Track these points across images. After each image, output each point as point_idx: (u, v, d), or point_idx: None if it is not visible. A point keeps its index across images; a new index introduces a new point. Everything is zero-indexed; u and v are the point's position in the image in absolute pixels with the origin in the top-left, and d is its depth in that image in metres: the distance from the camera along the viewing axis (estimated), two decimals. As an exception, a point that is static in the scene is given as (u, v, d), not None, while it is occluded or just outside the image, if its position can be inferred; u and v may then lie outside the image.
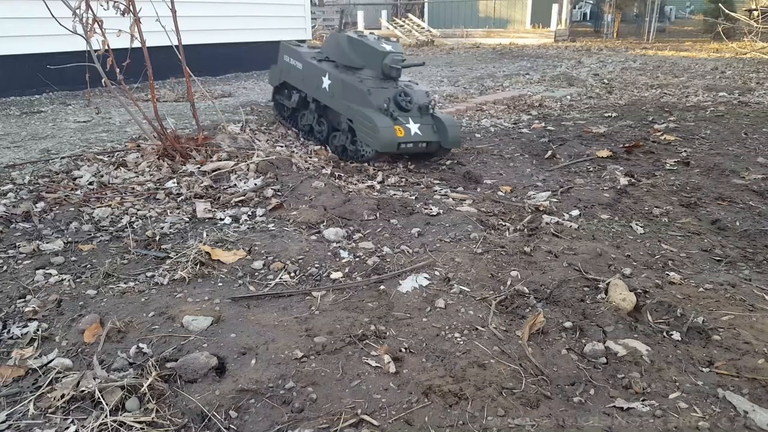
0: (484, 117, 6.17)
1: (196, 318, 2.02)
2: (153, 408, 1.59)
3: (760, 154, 4.43)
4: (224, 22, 9.14)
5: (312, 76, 4.43)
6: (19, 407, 1.63)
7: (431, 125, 4.03)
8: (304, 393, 1.66)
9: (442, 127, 4.01)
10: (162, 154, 3.85)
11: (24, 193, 3.27)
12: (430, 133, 4.00)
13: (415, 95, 4.07)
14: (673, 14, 24.68)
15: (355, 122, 3.99)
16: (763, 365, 1.77)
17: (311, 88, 4.50)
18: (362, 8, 20.75)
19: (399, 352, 1.87)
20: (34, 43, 6.50)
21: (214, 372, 1.75)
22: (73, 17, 3.32)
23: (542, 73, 9.85)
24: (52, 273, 2.39)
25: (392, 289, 2.29)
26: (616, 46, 15.43)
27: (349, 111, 4.05)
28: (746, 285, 2.34)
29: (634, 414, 1.60)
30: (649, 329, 2.01)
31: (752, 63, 10.84)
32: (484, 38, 17.96)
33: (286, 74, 4.91)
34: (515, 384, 1.72)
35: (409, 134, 3.90)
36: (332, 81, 4.19)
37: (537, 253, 2.60)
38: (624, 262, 2.53)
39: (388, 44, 4.15)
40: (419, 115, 4.02)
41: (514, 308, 2.17)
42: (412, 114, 3.99)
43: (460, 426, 1.54)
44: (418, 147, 3.99)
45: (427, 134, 3.98)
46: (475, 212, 3.18)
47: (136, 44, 3.44)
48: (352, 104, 4.01)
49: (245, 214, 3.09)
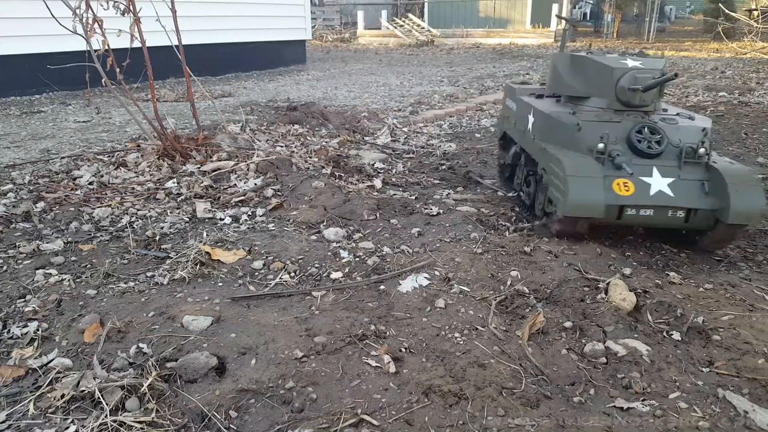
0: (484, 117, 6.17)
1: (196, 318, 2.02)
2: (153, 408, 1.59)
3: (760, 154, 4.43)
4: (224, 22, 9.14)
5: (521, 118, 3.33)
6: (19, 407, 1.63)
7: (701, 182, 2.53)
8: (304, 393, 1.66)
9: (722, 185, 2.47)
10: (162, 154, 3.85)
11: (24, 193, 3.27)
12: (694, 195, 2.51)
13: (675, 133, 2.63)
14: (673, 14, 24.66)
15: (547, 171, 2.79)
16: (763, 365, 1.77)
17: (519, 133, 3.39)
18: (362, 8, 20.74)
19: (399, 352, 1.87)
20: (34, 43, 6.50)
21: (214, 372, 1.75)
22: (73, 17, 3.32)
23: (542, 72, 9.85)
24: (52, 273, 2.39)
25: (392, 289, 2.29)
26: (617, 46, 15.42)
27: (543, 156, 2.86)
28: (746, 285, 2.34)
29: (634, 414, 1.60)
30: (649, 329, 2.00)
31: (752, 63, 10.84)
32: (484, 38, 17.96)
33: (504, 121, 3.83)
34: (515, 384, 1.72)
35: (645, 193, 2.51)
36: (535, 118, 3.07)
37: (537, 253, 2.60)
38: (624, 262, 2.52)
39: (633, 59, 2.84)
40: (676, 164, 2.56)
41: (514, 308, 2.17)
42: (661, 161, 2.58)
43: (460, 426, 1.54)
44: (666, 216, 2.55)
45: (687, 197, 2.51)
46: (475, 212, 3.18)
47: (136, 44, 3.44)
48: (548, 146, 2.80)
49: (245, 214, 3.09)
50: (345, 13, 23.19)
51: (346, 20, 22.82)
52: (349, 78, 9.25)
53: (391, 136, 5.17)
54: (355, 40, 18.89)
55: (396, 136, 5.20)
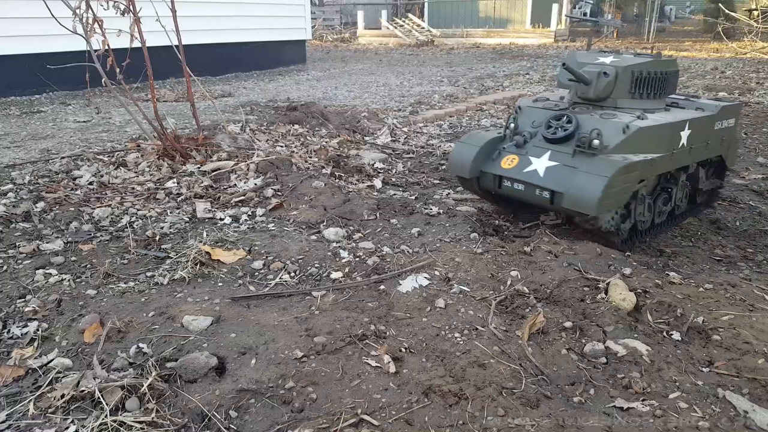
0: (484, 117, 6.16)
1: (196, 318, 2.02)
2: (153, 408, 1.59)
3: (760, 154, 4.43)
4: (224, 22, 9.14)
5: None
6: (19, 407, 1.63)
7: (575, 169, 2.61)
8: (304, 393, 1.66)
9: (576, 177, 2.53)
10: (162, 154, 3.85)
11: (24, 193, 3.27)
12: (561, 179, 2.62)
13: (598, 125, 2.63)
14: (673, 14, 24.65)
15: None
16: (763, 365, 1.77)
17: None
18: (362, 8, 20.74)
19: (399, 352, 1.87)
20: (34, 43, 6.49)
21: (214, 372, 1.75)
22: (73, 17, 3.32)
23: (542, 72, 9.85)
24: (52, 273, 2.39)
25: (392, 289, 2.29)
26: (616, 46, 15.42)
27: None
28: (746, 285, 2.34)
29: (634, 414, 1.60)
30: (649, 329, 2.00)
31: (752, 63, 10.84)
32: (484, 38, 17.96)
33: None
34: (515, 384, 1.72)
35: (520, 170, 2.72)
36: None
37: (537, 253, 2.60)
38: (624, 262, 2.53)
39: (618, 56, 2.89)
40: (570, 153, 2.64)
41: (514, 308, 2.17)
42: (561, 147, 2.69)
43: (460, 426, 1.54)
44: (534, 194, 2.71)
45: (552, 180, 2.64)
46: (475, 212, 3.18)
47: (136, 44, 3.44)
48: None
49: (245, 214, 3.09)
50: (345, 13, 23.20)
51: (346, 20, 22.82)
52: (349, 78, 9.25)
53: (391, 136, 5.16)
54: (355, 40, 18.89)
55: (396, 136, 5.20)
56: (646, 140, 2.62)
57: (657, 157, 2.66)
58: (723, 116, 3.05)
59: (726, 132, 3.14)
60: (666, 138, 2.70)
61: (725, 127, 3.12)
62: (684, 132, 2.80)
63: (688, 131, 2.81)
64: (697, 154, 2.96)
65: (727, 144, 3.21)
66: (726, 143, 3.19)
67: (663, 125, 2.68)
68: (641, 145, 2.61)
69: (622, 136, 2.56)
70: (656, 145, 2.67)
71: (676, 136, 2.75)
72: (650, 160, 2.61)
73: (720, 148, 3.15)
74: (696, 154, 2.96)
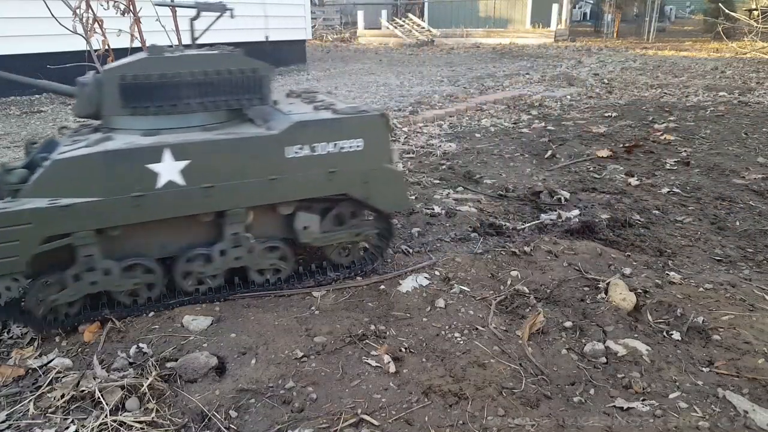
0: (484, 117, 6.17)
1: (196, 318, 2.02)
2: (153, 408, 1.59)
3: (760, 154, 4.43)
4: (224, 22, 9.13)
5: None
6: (19, 407, 1.63)
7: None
8: (304, 393, 1.66)
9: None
10: (162, 154, 3.84)
11: (24, 193, 3.26)
12: None
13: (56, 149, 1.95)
14: (673, 14, 24.69)
15: None
16: (763, 365, 1.77)
17: None
18: (362, 8, 20.75)
19: (399, 352, 1.87)
20: (34, 43, 6.50)
21: (214, 372, 1.75)
22: (73, 17, 3.33)
23: (542, 72, 9.85)
24: (52, 273, 2.39)
25: (392, 289, 2.29)
26: (616, 46, 15.43)
27: None
28: (746, 285, 2.34)
29: (634, 414, 1.60)
30: (649, 329, 2.00)
31: (752, 63, 10.84)
32: (484, 38, 17.97)
33: None
34: (515, 384, 1.72)
35: None
36: None
37: (537, 253, 2.60)
38: (624, 262, 2.53)
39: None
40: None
41: (514, 308, 2.17)
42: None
43: (460, 426, 1.54)
44: None
45: None
46: (475, 212, 3.18)
47: (136, 44, 3.44)
48: None
49: (245, 214, 3.08)
50: (345, 13, 23.21)
51: (346, 20, 22.83)
52: (349, 78, 9.25)
53: (391, 135, 5.16)
54: (355, 40, 18.90)
55: (396, 136, 5.20)
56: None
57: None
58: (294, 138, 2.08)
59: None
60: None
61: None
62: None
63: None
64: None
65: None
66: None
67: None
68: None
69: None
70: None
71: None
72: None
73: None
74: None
